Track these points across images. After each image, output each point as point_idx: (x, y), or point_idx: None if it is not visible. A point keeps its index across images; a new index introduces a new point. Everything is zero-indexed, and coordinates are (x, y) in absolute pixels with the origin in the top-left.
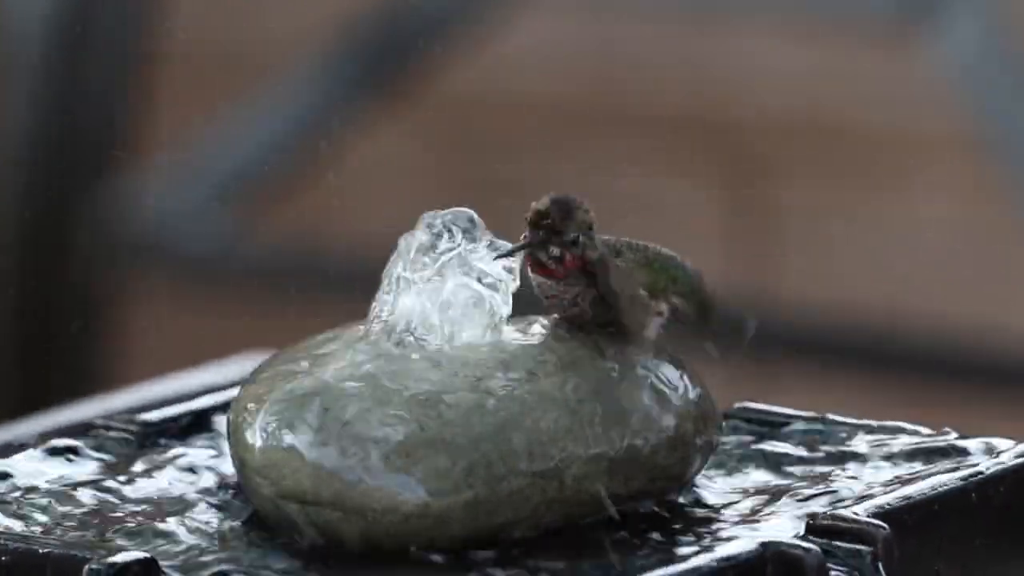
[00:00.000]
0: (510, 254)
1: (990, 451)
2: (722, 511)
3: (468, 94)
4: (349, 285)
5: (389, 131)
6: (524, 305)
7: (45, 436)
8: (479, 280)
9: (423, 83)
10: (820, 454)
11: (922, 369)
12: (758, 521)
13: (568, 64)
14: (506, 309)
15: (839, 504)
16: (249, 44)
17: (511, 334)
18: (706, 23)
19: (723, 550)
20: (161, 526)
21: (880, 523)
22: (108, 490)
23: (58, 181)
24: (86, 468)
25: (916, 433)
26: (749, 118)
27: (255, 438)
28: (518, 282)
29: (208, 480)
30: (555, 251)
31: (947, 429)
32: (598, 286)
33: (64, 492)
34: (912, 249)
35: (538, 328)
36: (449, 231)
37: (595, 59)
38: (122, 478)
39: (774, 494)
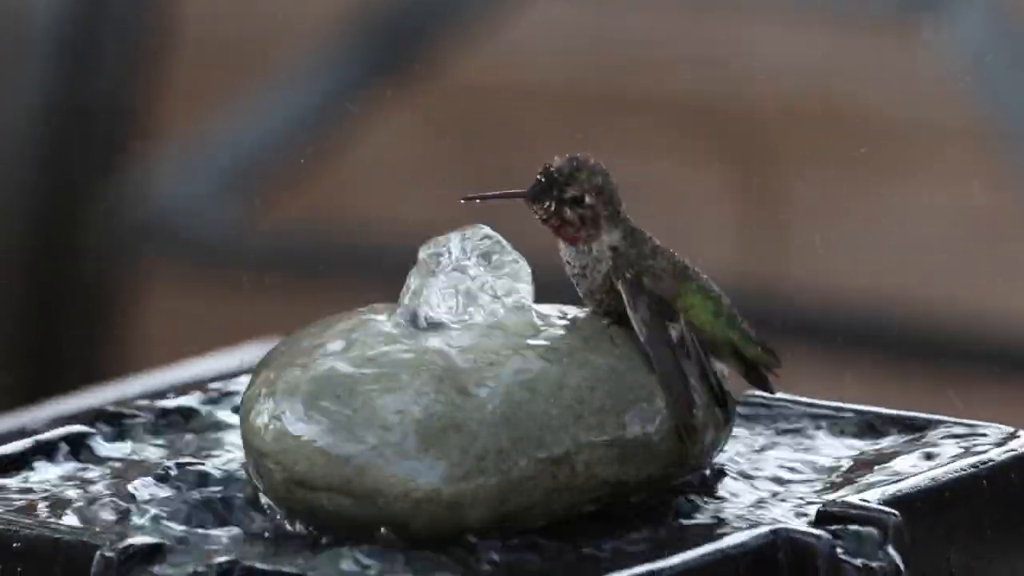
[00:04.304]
0: (484, 198)
1: (1001, 438)
2: (734, 498)
3: (479, 82)
4: (360, 271)
5: (399, 119)
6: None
7: (58, 422)
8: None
9: (433, 71)
10: (831, 441)
11: (933, 356)
12: (770, 508)
13: (580, 52)
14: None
15: (850, 491)
16: (260, 32)
17: (523, 322)
18: (718, 11)
19: (735, 537)
20: (172, 512)
21: (891, 510)
22: (120, 476)
23: (70, 170)
24: (98, 454)
25: (927, 420)
26: (761, 106)
27: (266, 424)
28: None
29: (220, 466)
30: (549, 205)
31: (958, 416)
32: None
33: (76, 478)
34: (923, 237)
35: (549, 315)
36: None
37: (606, 47)
38: (134, 464)
39: (786, 481)
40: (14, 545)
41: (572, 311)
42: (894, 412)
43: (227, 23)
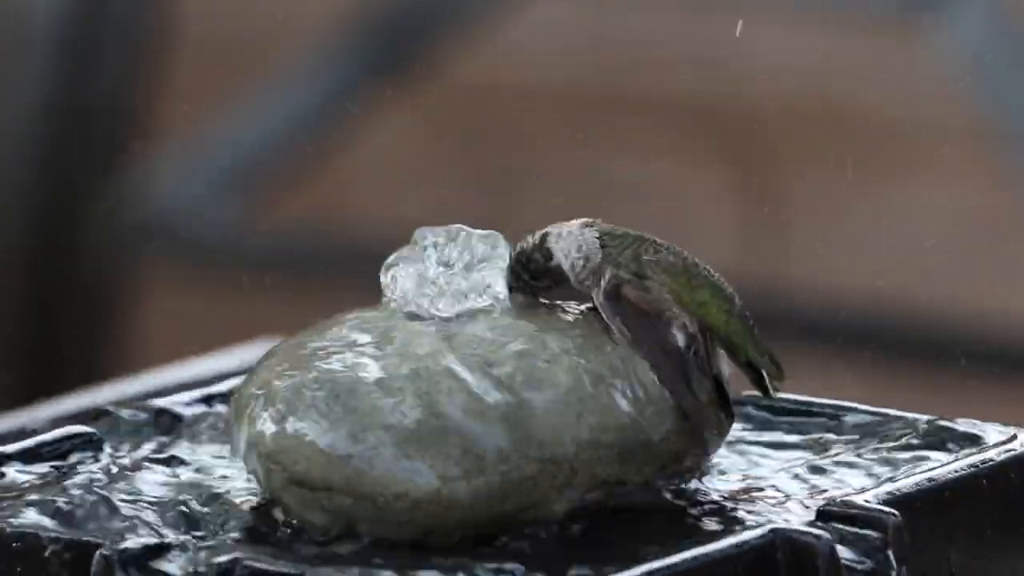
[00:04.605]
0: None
1: (1001, 438)
2: (733, 498)
3: (479, 81)
4: (359, 272)
5: (399, 119)
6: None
7: (57, 422)
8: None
9: (433, 71)
10: (831, 441)
11: (933, 356)
12: (769, 508)
13: (580, 52)
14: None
15: (850, 491)
16: (260, 32)
17: (522, 319)
18: (718, 11)
19: (734, 537)
20: (172, 512)
21: (891, 510)
22: (119, 476)
23: (70, 170)
24: (98, 454)
25: (927, 420)
26: (761, 106)
27: (266, 424)
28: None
29: (219, 466)
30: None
31: (958, 416)
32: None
33: (75, 478)
34: (923, 237)
35: (549, 313)
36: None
37: (606, 47)
38: (133, 464)
39: (785, 480)
40: (13, 545)
41: (572, 309)
42: (894, 412)
43: (227, 23)
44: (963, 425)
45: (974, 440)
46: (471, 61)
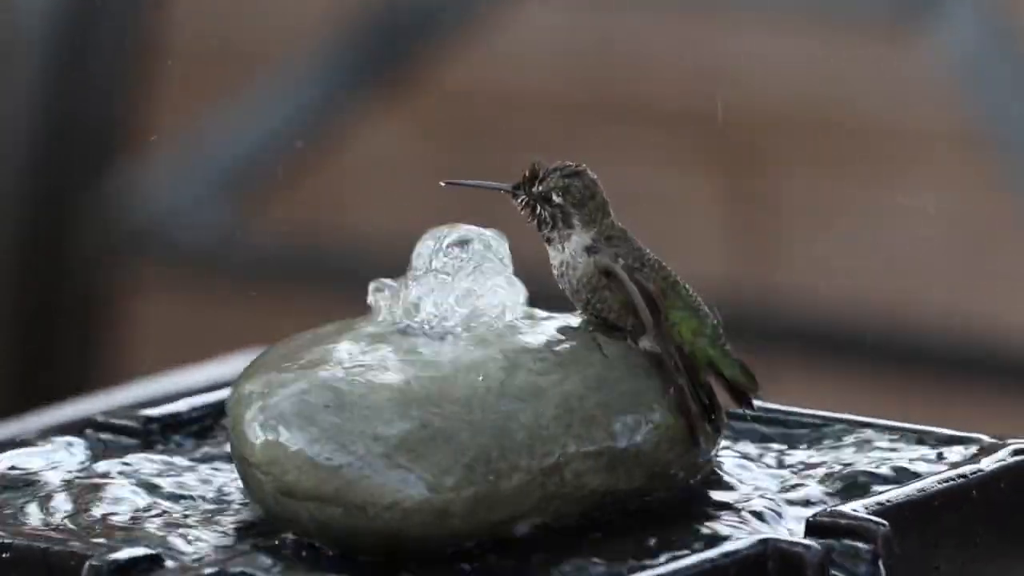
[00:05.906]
0: (466, 185)
1: (989, 448)
2: (723, 508)
3: (469, 87)
4: (349, 278)
5: (389, 124)
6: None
7: (47, 432)
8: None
9: (423, 77)
10: (820, 451)
11: (921, 364)
12: (759, 518)
13: (569, 58)
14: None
15: (839, 501)
16: (250, 37)
17: (513, 331)
18: (707, 17)
19: (724, 547)
20: (162, 522)
21: (880, 520)
22: (109, 486)
23: (60, 174)
24: (87, 464)
25: (915, 429)
26: (749, 111)
27: (256, 434)
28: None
29: (209, 476)
30: (523, 200)
31: (946, 425)
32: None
33: (65, 488)
34: (911, 242)
35: (539, 324)
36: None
37: (595, 53)
38: (123, 474)
39: (775, 491)
40: (3, 555)
41: (562, 319)
42: (884, 421)
43: (218, 28)
44: (952, 434)
45: (963, 450)
46: (467, 66)
